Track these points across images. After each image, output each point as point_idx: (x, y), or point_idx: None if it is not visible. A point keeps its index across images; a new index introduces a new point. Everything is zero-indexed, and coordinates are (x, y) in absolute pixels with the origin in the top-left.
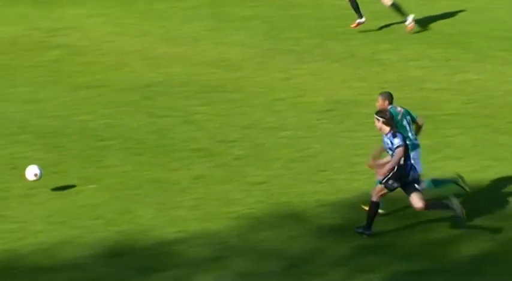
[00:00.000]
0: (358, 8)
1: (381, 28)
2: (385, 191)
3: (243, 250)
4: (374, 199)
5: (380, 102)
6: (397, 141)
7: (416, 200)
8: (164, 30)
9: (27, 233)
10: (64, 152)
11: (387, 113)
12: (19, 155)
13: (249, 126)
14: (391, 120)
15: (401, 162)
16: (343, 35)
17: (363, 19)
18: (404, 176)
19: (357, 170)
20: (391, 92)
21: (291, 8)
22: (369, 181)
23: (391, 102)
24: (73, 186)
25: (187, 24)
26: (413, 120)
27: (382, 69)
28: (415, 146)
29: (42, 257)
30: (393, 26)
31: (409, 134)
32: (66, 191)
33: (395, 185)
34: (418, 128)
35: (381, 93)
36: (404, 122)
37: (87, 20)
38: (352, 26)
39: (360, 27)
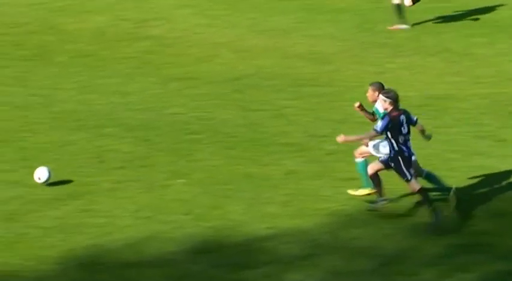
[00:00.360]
0: (400, 14)
1: (473, 22)
2: (415, 180)
3: (334, 247)
4: (416, 189)
5: (370, 93)
6: (378, 124)
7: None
8: (253, 22)
9: (114, 228)
10: (153, 146)
11: (393, 94)
12: (107, 148)
13: (341, 121)
14: (396, 102)
15: (402, 147)
16: (435, 28)
17: (404, 27)
18: (409, 155)
19: (453, 167)
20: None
21: (383, 0)
22: (465, 178)
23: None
24: (162, 180)
25: (276, 16)
26: None
27: (477, 64)
28: None
29: (129, 253)
30: (486, 19)
31: None
32: (154, 185)
33: (412, 170)
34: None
35: (371, 84)
36: None
37: (176, 11)
38: (391, 28)
39: (451, 20)
